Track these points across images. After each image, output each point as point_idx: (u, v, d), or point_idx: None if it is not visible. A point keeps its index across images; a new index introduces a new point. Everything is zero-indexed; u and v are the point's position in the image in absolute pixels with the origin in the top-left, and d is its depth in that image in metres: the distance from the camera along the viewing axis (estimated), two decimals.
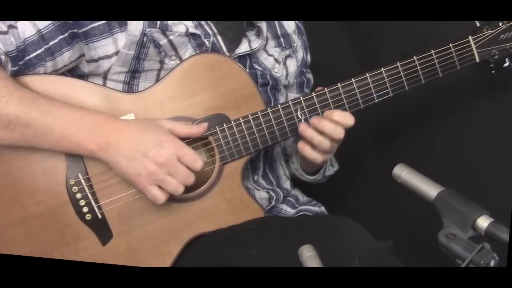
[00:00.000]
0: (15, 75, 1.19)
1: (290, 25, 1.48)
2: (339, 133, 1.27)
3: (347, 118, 1.27)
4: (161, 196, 1.18)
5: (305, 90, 1.55)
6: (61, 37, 1.21)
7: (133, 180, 1.18)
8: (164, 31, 1.26)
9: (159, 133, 1.19)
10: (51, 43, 1.20)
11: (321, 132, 1.27)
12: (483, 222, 0.81)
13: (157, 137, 1.18)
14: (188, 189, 1.24)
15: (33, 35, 1.19)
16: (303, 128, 1.29)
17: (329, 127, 1.26)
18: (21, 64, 1.19)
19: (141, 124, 1.20)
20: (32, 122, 1.13)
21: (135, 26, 1.23)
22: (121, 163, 1.16)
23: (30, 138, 1.15)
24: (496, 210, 0.86)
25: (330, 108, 1.31)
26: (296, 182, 1.59)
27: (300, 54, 1.50)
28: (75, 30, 1.21)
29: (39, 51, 1.20)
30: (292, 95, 1.53)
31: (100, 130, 1.16)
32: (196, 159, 1.19)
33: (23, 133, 1.14)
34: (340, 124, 1.27)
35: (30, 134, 1.14)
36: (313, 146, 1.30)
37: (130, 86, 1.29)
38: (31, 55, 1.20)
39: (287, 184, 1.53)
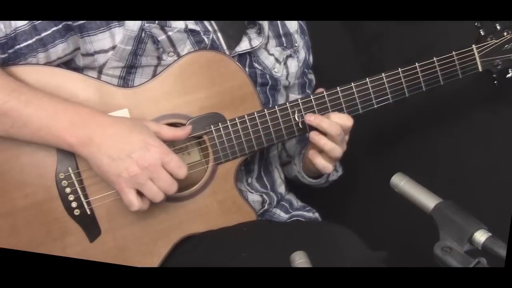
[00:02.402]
0: (4, 62, 1.18)
1: (292, 25, 1.46)
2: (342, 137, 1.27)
3: (343, 118, 1.27)
4: (136, 203, 1.14)
5: (307, 91, 1.54)
6: (54, 28, 1.19)
7: (112, 180, 1.14)
8: (163, 26, 1.24)
9: (146, 135, 1.16)
10: (43, 34, 1.19)
11: (325, 134, 1.26)
12: (481, 236, 0.81)
13: (143, 139, 1.15)
14: (180, 188, 1.22)
15: (25, 24, 1.17)
16: (314, 135, 1.27)
17: (335, 128, 1.25)
18: (10, 52, 1.18)
19: (128, 124, 1.17)
20: (10, 111, 1.11)
21: (133, 21, 1.21)
22: (102, 161, 1.13)
23: (9, 127, 1.13)
24: (494, 224, 0.85)
25: (328, 112, 1.29)
26: (291, 186, 1.57)
27: (302, 54, 1.48)
28: (69, 23, 1.19)
29: (30, 41, 1.18)
30: (294, 96, 1.51)
31: (83, 124, 1.14)
32: (181, 167, 1.16)
33: (1, 122, 1.12)
34: (340, 125, 1.26)
35: (8, 123, 1.12)
36: (324, 153, 1.28)
37: (125, 81, 1.28)
38: (22, 45, 1.18)
39: (281, 189, 1.51)
